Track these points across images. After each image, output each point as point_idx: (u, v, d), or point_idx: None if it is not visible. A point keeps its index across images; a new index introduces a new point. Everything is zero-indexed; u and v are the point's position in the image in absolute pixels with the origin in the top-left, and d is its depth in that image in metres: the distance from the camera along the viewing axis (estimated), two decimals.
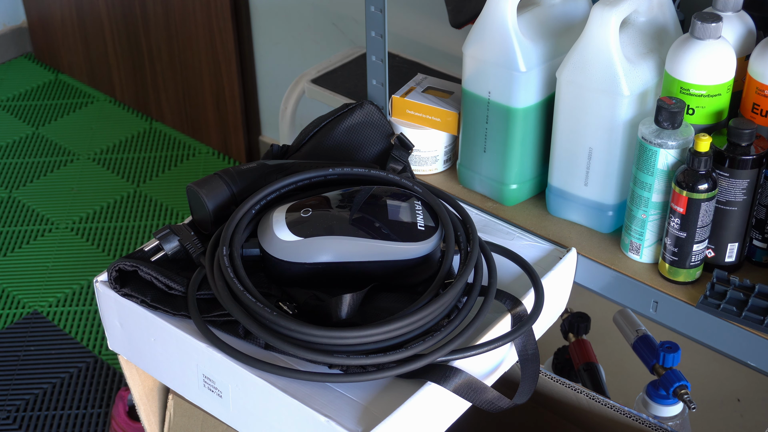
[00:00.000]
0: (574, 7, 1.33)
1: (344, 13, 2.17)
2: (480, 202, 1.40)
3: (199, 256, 1.16)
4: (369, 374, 1.04)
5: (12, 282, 2.34)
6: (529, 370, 1.17)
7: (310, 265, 1.12)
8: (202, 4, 2.50)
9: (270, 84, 2.52)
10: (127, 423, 1.84)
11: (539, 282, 1.19)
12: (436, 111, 1.41)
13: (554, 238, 1.32)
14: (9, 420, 1.98)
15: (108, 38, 2.88)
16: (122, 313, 1.19)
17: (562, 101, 1.27)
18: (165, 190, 2.64)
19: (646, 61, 1.24)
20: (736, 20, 1.22)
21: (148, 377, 1.29)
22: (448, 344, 1.07)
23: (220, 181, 1.22)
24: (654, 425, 1.34)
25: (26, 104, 3.00)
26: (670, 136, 1.17)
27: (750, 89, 1.19)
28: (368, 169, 1.23)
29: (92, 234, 2.49)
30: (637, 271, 1.26)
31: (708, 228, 1.18)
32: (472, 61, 1.31)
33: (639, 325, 1.54)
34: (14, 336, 2.18)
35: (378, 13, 1.38)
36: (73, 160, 2.76)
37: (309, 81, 1.80)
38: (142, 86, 2.87)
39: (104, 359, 2.12)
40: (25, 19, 3.22)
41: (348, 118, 1.39)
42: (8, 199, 2.60)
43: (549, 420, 1.49)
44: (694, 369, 1.63)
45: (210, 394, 1.14)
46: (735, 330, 1.18)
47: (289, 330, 1.05)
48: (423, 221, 1.14)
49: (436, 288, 1.10)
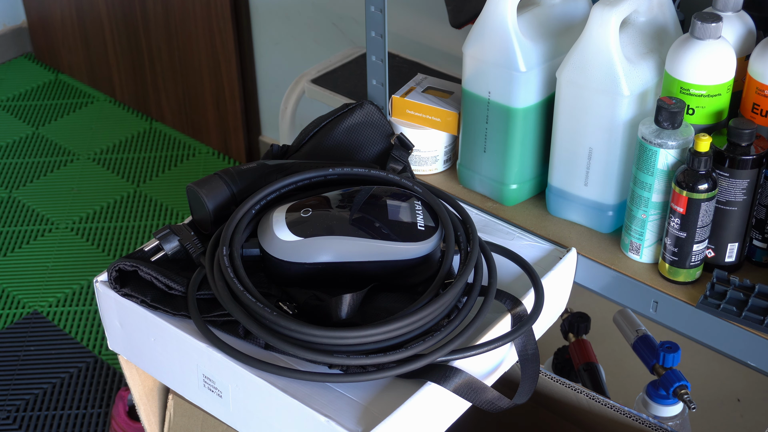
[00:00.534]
0: (574, 7, 1.33)
1: (344, 13, 2.17)
2: (480, 202, 1.40)
3: (199, 256, 1.16)
4: (369, 374, 1.04)
5: (12, 282, 2.34)
6: (529, 370, 1.17)
7: (310, 265, 1.11)
8: (202, 4, 2.50)
9: (270, 84, 2.52)
10: (127, 423, 1.84)
11: (539, 282, 1.19)
12: (436, 111, 1.41)
13: (554, 238, 1.32)
14: (9, 420, 1.98)
15: (108, 38, 2.88)
16: (122, 313, 1.19)
17: (562, 101, 1.27)
18: (165, 190, 2.64)
19: (646, 61, 1.24)
20: (736, 20, 1.22)
21: (148, 377, 1.29)
22: (448, 344, 1.07)
23: (220, 181, 1.22)
24: (654, 425, 1.34)
25: (26, 104, 3.00)
26: (670, 136, 1.17)
27: (750, 89, 1.19)
28: (368, 169, 1.23)
29: (92, 234, 2.49)
30: (637, 271, 1.26)
31: (708, 228, 1.18)
32: (472, 61, 1.31)
33: (639, 325, 1.54)
34: (14, 336, 2.18)
35: (378, 13, 1.38)
36: (73, 160, 2.76)
37: (309, 81, 1.80)
38: (142, 86, 2.87)
39: (104, 359, 2.12)
40: (25, 19, 3.22)
41: (348, 118, 1.39)
42: (8, 199, 2.61)
43: (549, 420, 1.49)
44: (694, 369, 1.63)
45: (210, 394, 1.14)
46: (735, 330, 1.18)
47: (289, 330, 1.04)
48: (423, 221, 1.14)
49: (436, 288, 1.10)
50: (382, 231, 1.12)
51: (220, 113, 2.66)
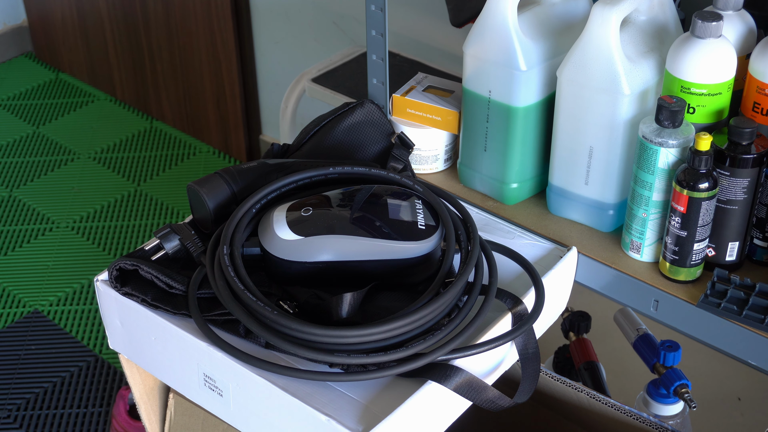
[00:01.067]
0: (575, 6, 1.33)
1: (345, 12, 2.17)
2: (480, 201, 1.40)
3: (200, 255, 1.16)
4: (369, 373, 1.04)
5: (12, 281, 2.34)
6: (530, 369, 1.17)
7: (311, 264, 1.11)
8: (202, 3, 2.50)
9: (270, 83, 2.52)
10: (128, 422, 1.85)
11: (540, 281, 1.19)
12: (437, 110, 1.41)
13: (555, 237, 1.32)
14: (10, 419, 1.99)
15: (108, 37, 2.88)
16: (123, 312, 1.19)
17: (562, 100, 1.27)
18: (165, 189, 2.64)
19: (647, 59, 1.24)
20: (737, 19, 1.21)
21: (148, 376, 1.29)
22: (449, 343, 1.07)
23: (220, 180, 1.22)
24: (654, 424, 1.34)
25: (27, 103, 3.00)
26: (671, 135, 1.17)
27: (750, 88, 1.19)
28: (369, 168, 1.23)
29: (93, 233, 2.49)
30: (638, 270, 1.26)
31: (708, 227, 1.18)
32: (472, 60, 1.31)
33: (639, 324, 1.54)
34: (15, 335, 2.18)
35: (378, 12, 1.38)
36: (74, 159, 2.76)
37: (309, 80, 1.81)
38: (143, 85, 2.87)
39: (105, 358, 2.12)
40: (25, 18, 3.22)
41: (348, 117, 1.39)
42: (9, 198, 2.61)
43: (549, 419, 1.49)
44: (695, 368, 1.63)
45: (210, 393, 1.14)
46: (735, 329, 1.18)
47: (290, 329, 1.04)
48: (423, 220, 1.14)
49: (437, 287, 1.10)
50: (383, 230, 1.12)
51: (221, 112, 2.66)
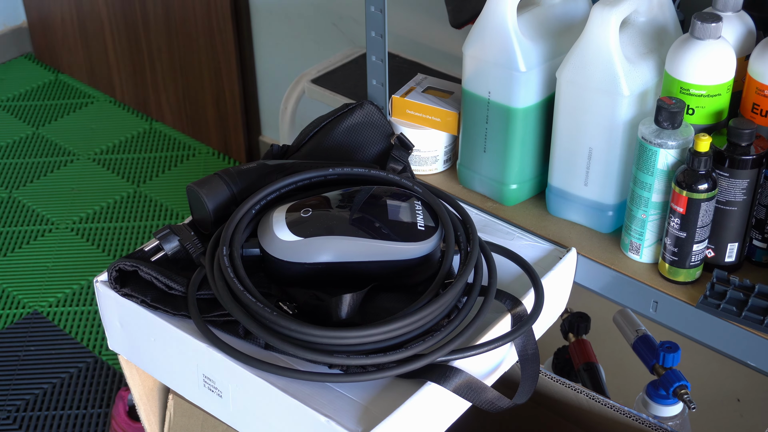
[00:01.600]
0: (574, 7, 1.33)
1: (344, 13, 2.17)
2: (480, 202, 1.40)
3: (199, 256, 1.16)
4: (369, 374, 1.04)
5: (12, 282, 2.34)
6: (529, 370, 1.17)
7: (310, 265, 1.12)
8: (202, 4, 2.50)
9: (270, 84, 2.52)
10: (128, 423, 1.85)
11: (539, 282, 1.19)
12: (436, 111, 1.41)
13: (554, 238, 1.32)
14: (9, 420, 1.98)
15: (108, 38, 2.88)
16: (122, 313, 1.19)
17: (562, 101, 1.27)
18: (165, 191, 2.64)
19: (646, 61, 1.24)
20: (736, 20, 1.22)
21: (148, 377, 1.29)
22: (448, 344, 1.07)
23: (220, 181, 1.22)
24: (654, 425, 1.34)
25: (26, 104, 3.00)
26: (670, 136, 1.17)
27: (750, 89, 1.19)
28: (368, 169, 1.23)
29: (92, 234, 2.49)
30: (637, 271, 1.26)
31: (708, 228, 1.18)
32: (472, 61, 1.31)
33: (639, 325, 1.54)
34: (14, 336, 2.18)
35: (378, 13, 1.38)
36: (73, 160, 2.76)
37: (309, 81, 1.81)
38: (142, 86, 2.87)
39: (104, 359, 2.12)
40: (25, 19, 3.22)
41: (348, 118, 1.39)
42: (8, 199, 2.61)
43: (549, 420, 1.49)
44: (694, 369, 1.63)
45: (210, 394, 1.14)
46: (735, 330, 1.18)
47: (289, 330, 1.05)
48: (423, 221, 1.14)
49: (436, 288, 1.10)
50: (382, 231, 1.12)
51: (220, 113, 2.66)
